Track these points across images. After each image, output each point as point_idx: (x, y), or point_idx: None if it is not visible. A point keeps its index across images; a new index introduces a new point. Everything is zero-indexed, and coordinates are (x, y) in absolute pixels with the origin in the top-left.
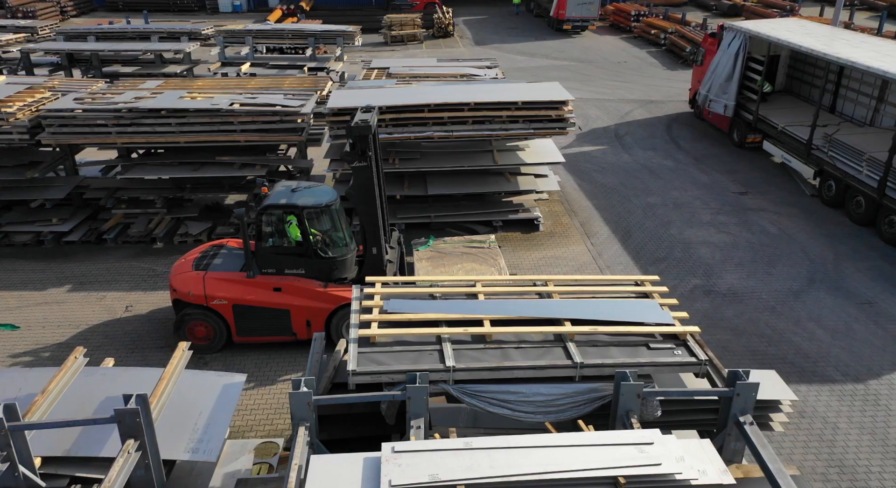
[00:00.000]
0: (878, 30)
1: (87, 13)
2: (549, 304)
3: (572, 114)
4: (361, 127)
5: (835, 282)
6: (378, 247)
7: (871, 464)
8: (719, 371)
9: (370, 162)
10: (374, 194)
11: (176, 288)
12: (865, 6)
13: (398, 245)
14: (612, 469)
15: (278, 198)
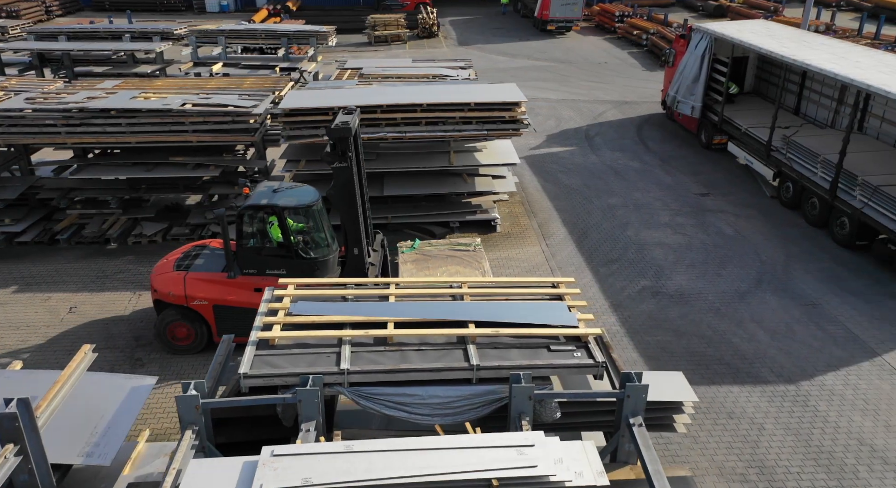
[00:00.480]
0: (858, 31)
1: (74, 13)
2: (458, 307)
3: (525, 115)
4: (341, 128)
5: (782, 283)
6: (359, 248)
7: (790, 465)
8: (620, 372)
9: (350, 163)
10: (354, 195)
11: (157, 288)
12: (851, 7)
13: (381, 247)
14: (486, 471)
15: (259, 198)
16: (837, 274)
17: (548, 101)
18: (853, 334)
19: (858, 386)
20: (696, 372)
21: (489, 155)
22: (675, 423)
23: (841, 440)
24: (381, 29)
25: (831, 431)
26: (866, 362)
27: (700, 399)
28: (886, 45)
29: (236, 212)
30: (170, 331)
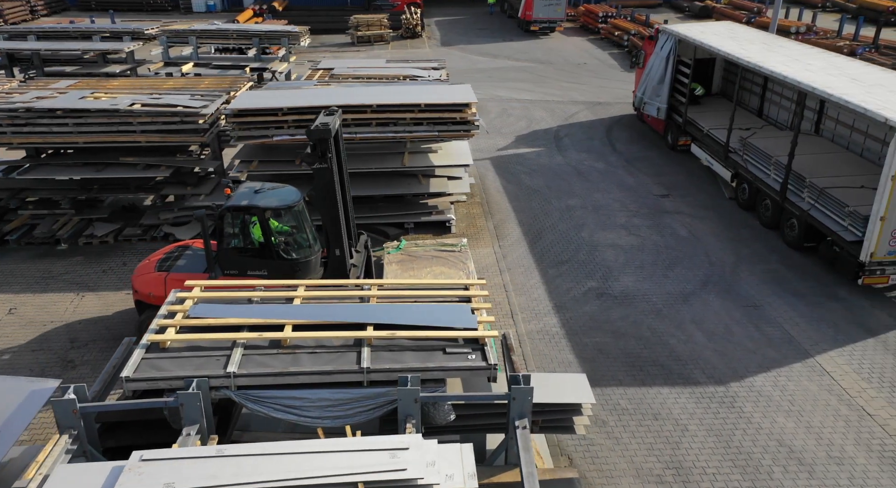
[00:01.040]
0: (838, 32)
1: (59, 12)
2: (359, 309)
3: (476, 116)
4: (321, 129)
5: (728, 285)
6: (341, 249)
7: (708, 466)
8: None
9: (331, 164)
10: (335, 196)
11: (137, 289)
12: (837, 8)
13: (365, 249)
14: (353, 475)
15: (240, 199)
16: (783, 275)
17: (521, 102)
18: (789, 335)
19: (787, 387)
20: (629, 373)
21: (445, 156)
22: (574, 425)
23: (761, 441)
24: (364, 29)
25: (753, 432)
26: (798, 363)
27: (628, 400)
28: (864, 47)
29: (217, 212)
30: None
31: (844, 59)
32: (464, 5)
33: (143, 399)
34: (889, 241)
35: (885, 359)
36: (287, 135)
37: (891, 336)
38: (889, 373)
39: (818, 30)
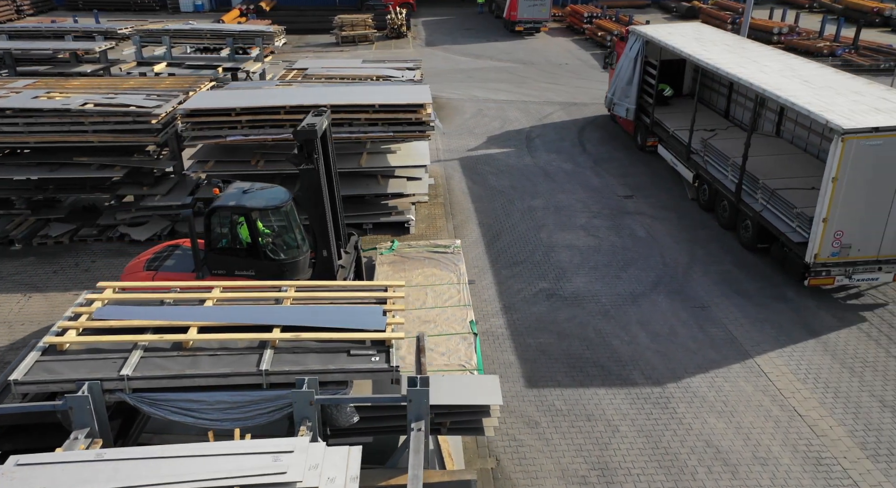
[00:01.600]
0: (819, 32)
1: (46, 12)
2: (270, 311)
3: (430, 116)
4: (307, 130)
5: (679, 285)
6: (328, 250)
7: (633, 467)
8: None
9: (317, 165)
10: (321, 197)
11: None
12: (824, 9)
13: (355, 250)
14: (230, 478)
15: (228, 199)
16: (734, 276)
17: (497, 103)
18: (732, 336)
19: (722, 388)
20: (568, 374)
21: (404, 156)
22: (483, 427)
23: (689, 442)
24: (348, 29)
25: (683, 433)
26: (737, 364)
27: (563, 401)
28: (844, 48)
29: (204, 212)
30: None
31: (802, 61)
32: (453, 5)
33: (36, 402)
34: (832, 243)
35: (823, 359)
36: (241, 136)
37: (832, 337)
38: (825, 374)
39: (801, 30)
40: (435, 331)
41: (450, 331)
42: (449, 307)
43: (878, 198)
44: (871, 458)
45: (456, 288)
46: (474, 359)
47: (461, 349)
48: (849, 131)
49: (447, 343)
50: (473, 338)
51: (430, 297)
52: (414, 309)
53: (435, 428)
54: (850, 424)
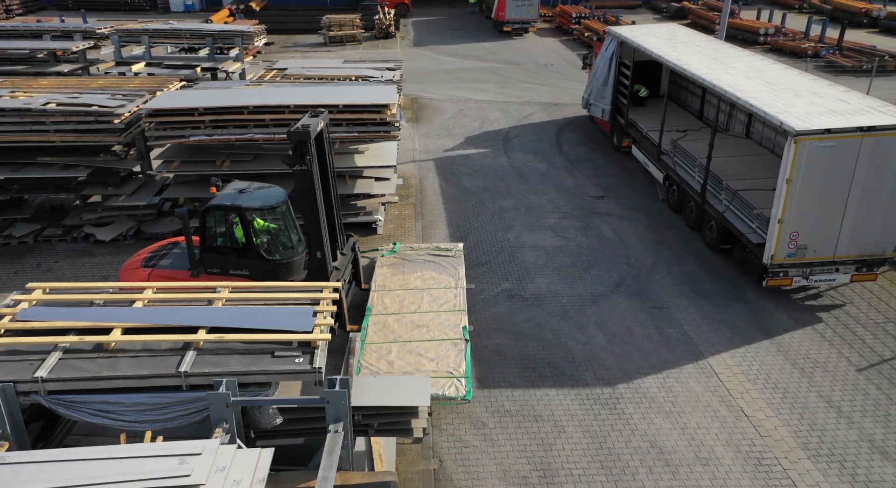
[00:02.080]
0: (805, 33)
1: (35, 12)
2: (198, 312)
3: (396, 116)
4: (300, 131)
5: (640, 286)
6: (321, 251)
7: (575, 468)
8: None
9: (311, 166)
10: (315, 198)
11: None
12: (814, 9)
13: (352, 251)
14: (131, 482)
15: (223, 198)
16: (697, 277)
17: (479, 103)
18: (688, 337)
19: (672, 388)
20: (521, 375)
21: (372, 157)
22: (411, 428)
23: (634, 442)
24: (336, 29)
25: (628, 433)
26: (690, 365)
27: (513, 402)
28: (828, 49)
29: (199, 211)
30: None
31: (769, 62)
32: (446, 5)
33: None
34: (788, 244)
35: (775, 360)
36: (204, 136)
37: (786, 338)
38: (776, 375)
39: (787, 31)
40: (426, 336)
41: (441, 337)
42: (443, 312)
43: (832, 200)
44: (811, 458)
45: (453, 292)
46: (463, 365)
47: (451, 355)
48: (801, 132)
49: (437, 348)
50: (465, 344)
51: (426, 301)
52: (408, 313)
53: (362, 430)
54: (795, 424)
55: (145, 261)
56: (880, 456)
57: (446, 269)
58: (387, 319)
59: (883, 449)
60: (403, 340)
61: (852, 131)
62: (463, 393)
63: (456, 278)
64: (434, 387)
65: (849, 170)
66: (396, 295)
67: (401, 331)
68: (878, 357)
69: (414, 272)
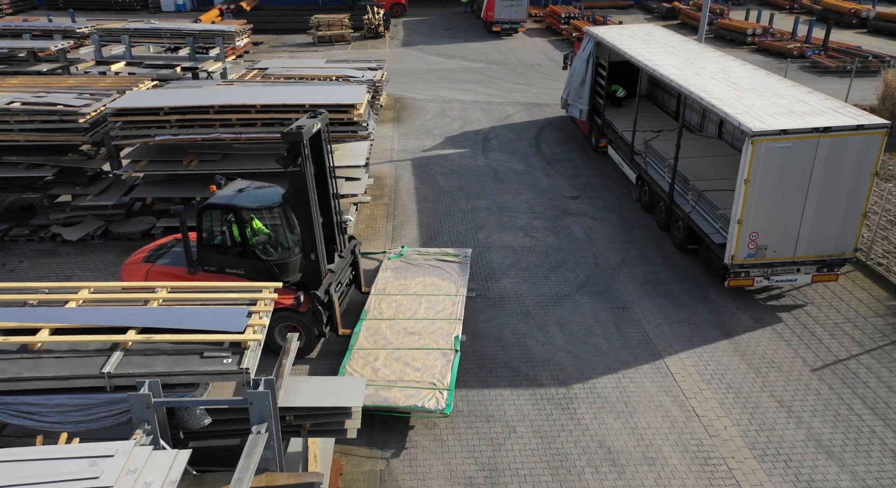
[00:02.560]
0: (791, 33)
1: (26, 11)
2: (129, 312)
3: (363, 117)
4: (293, 132)
5: (605, 286)
6: (315, 253)
7: (522, 468)
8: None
9: (304, 167)
10: (307, 199)
11: (122, 278)
12: (804, 9)
13: (352, 254)
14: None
15: (220, 197)
16: (662, 277)
17: (462, 103)
18: (647, 337)
19: (627, 388)
20: (476, 375)
21: (342, 156)
22: (345, 428)
23: (583, 442)
24: (324, 29)
25: (578, 433)
26: (646, 365)
27: (467, 403)
28: (813, 49)
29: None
30: None
31: (739, 63)
32: (439, 5)
33: None
34: (748, 244)
35: (731, 360)
36: (170, 135)
37: (745, 338)
38: (730, 375)
39: (775, 31)
40: (417, 344)
41: (431, 346)
42: (439, 319)
43: (790, 200)
44: (757, 458)
45: (451, 299)
46: (448, 377)
47: (438, 366)
48: (758, 133)
49: (426, 358)
50: (454, 354)
51: (423, 308)
52: (403, 319)
53: (295, 430)
54: (745, 424)
55: (147, 257)
56: (825, 456)
57: (450, 275)
58: (380, 324)
59: (829, 449)
60: (393, 347)
61: (808, 132)
62: (443, 406)
63: (457, 285)
64: (415, 399)
65: (806, 171)
66: (394, 300)
67: (392, 338)
68: (833, 357)
69: (416, 277)
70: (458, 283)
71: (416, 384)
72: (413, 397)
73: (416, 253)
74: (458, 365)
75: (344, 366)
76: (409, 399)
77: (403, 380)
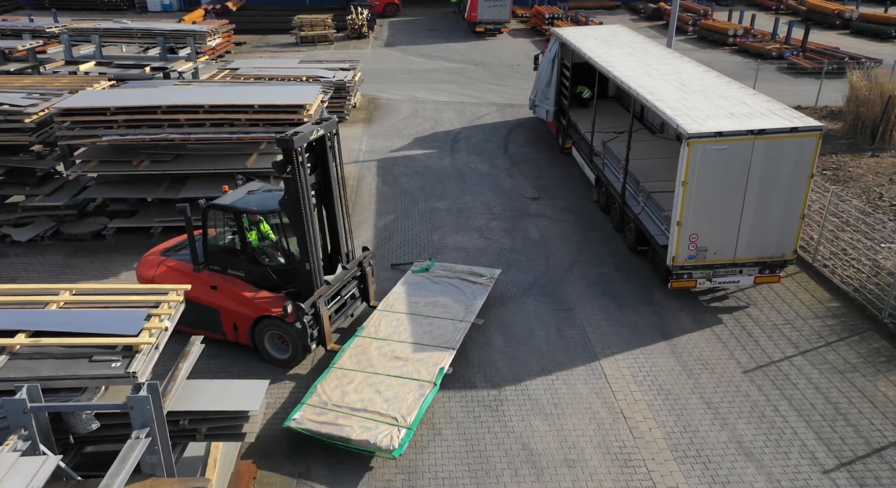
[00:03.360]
0: (771, 34)
1: (10, 11)
2: (23, 316)
3: (313, 117)
4: (286, 139)
5: (552, 288)
6: (309, 262)
7: (441, 470)
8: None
9: (297, 175)
10: (300, 207)
11: (138, 269)
12: (790, 10)
13: (359, 266)
14: None
15: (225, 198)
16: (611, 279)
17: (436, 104)
18: (587, 339)
19: (559, 390)
20: None
21: None
22: (243, 432)
23: (507, 444)
24: (307, 29)
25: (503, 436)
26: (581, 367)
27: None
28: (792, 50)
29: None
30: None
31: (694, 65)
32: (428, 6)
33: None
34: (688, 246)
35: (666, 361)
36: (117, 136)
37: (683, 339)
38: (663, 376)
39: (757, 32)
40: (398, 371)
41: (412, 375)
42: (431, 346)
43: (728, 203)
44: (678, 460)
45: (455, 325)
46: (413, 415)
47: (409, 399)
48: (693, 135)
49: (400, 388)
50: (431, 388)
51: (422, 331)
52: (395, 341)
53: (190, 435)
54: (671, 426)
55: (166, 250)
56: (744, 457)
57: (465, 298)
58: (370, 344)
59: (749, 450)
60: (372, 371)
61: (744, 134)
62: (394, 446)
63: (467, 310)
64: (369, 433)
65: (743, 173)
66: (397, 318)
67: (376, 360)
68: (767, 358)
69: (429, 295)
70: (469, 308)
71: (377, 417)
72: (368, 431)
73: (442, 268)
74: (433, 400)
75: (315, 386)
76: (364, 432)
77: (367, 410)
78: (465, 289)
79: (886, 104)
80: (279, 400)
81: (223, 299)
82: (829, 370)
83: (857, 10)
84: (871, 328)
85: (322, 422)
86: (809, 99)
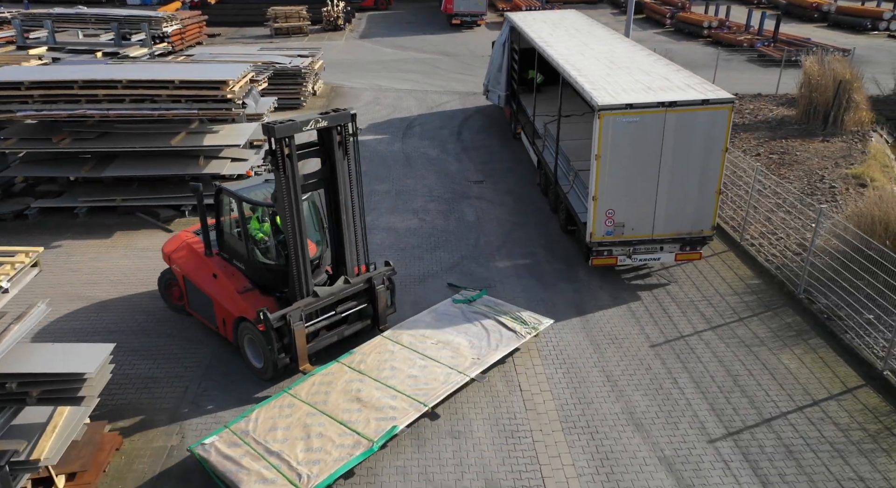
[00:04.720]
0: (745, 26)
1: None
2: None
3: (236, 94)
4: (268, 127)
5: (473, 267)
6: (297, 268)
7: None
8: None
9: (285, 170)
10: (291, 203)
11: (164, 245)
12: (771, 4)
13: (368, 283)
14: None
15: (237, 184)
16: (538, 258)
17: (398, 92)
18: None
19: None
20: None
21: (224, 137)
22: (81, 396)
23: None
24: (281, 21)
25: None
26: None
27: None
28: (763, 41)
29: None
30: (168, 290)
31: (630, 46)
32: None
33: None
34: (605, 222)
35: (575, 337)
36: (32, 111)
37: (597, 315)
38: (569, 351)
39: (731, 24)
40: (344, 417)
41: (355, 426)
42: (403, 395)
43: (642, 177)
44: (565, 431)
45: (446, 375)
46: (320, 479)
47: (332, 455)
48: (604, 107)
49: (334, 439)
50: (363, 450)
51: (407, 373)
52: (371, 378)
53: (20, 398)
54: (566, 398)
55: (196, 231)
56: (633, 427)
57: (485, 345)
58: (342, 376)
59: (639, 421)
60: (318, 409)
61: (654, 106)
62: None
63: (475, 361)
64: (261, 486)
65: (656, 147)
66: (392, 351)
67: (333, 397)
68: (678, 333)
69: (447, 333)
70: (480, 358)
71: (284, 468)
72: (262, 483)
73: (486, 303)
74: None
75: (252, 410)
76: (257, 483)
77: (280, 457)
78: (494, 334)
79: (837, 88)
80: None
81: (218, 291)
82: (736, 344)
83: (835, 3)
84: (786, 304)
85: (227, 457)
86: (772, 87)
